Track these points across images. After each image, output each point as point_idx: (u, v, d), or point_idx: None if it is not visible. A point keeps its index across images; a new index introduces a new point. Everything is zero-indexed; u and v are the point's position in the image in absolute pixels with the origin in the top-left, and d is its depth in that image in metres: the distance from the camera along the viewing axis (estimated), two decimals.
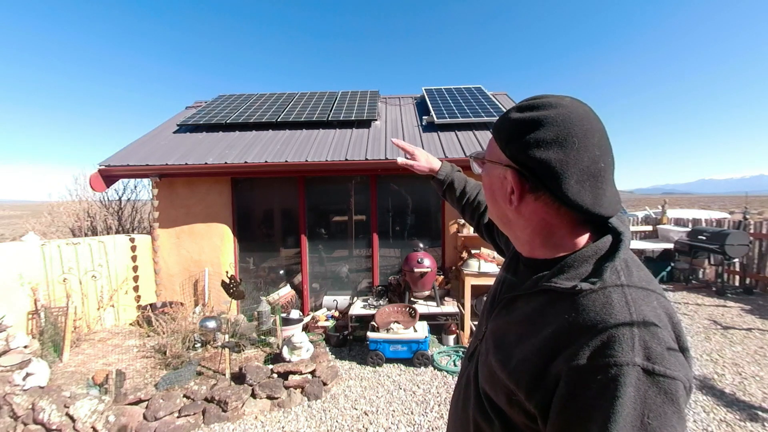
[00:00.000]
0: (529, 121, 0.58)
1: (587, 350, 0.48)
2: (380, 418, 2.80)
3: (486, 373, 0.64)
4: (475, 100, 6.14)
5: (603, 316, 0.50)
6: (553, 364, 0.50)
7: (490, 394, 0.62)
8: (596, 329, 0.49)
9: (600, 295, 0.52)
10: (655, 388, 0.45)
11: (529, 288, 0.61)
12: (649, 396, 0.45)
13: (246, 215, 5.18)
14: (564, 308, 0.54)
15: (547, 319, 0.55)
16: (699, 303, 5.49)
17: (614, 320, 0.49)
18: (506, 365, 0.58)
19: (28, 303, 3.87)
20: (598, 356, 0.47)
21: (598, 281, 0.53)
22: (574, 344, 0.49)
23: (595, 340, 0.48)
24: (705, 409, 2.81)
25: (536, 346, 0.54)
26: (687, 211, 11.22)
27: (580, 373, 0.47)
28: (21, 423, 2.51)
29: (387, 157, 4.58)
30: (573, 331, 0.51)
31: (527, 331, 0.58)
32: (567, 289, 0.54)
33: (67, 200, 8.11)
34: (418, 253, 4.36)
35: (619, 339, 0.47)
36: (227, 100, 6.80)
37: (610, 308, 0.50)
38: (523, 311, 0.61)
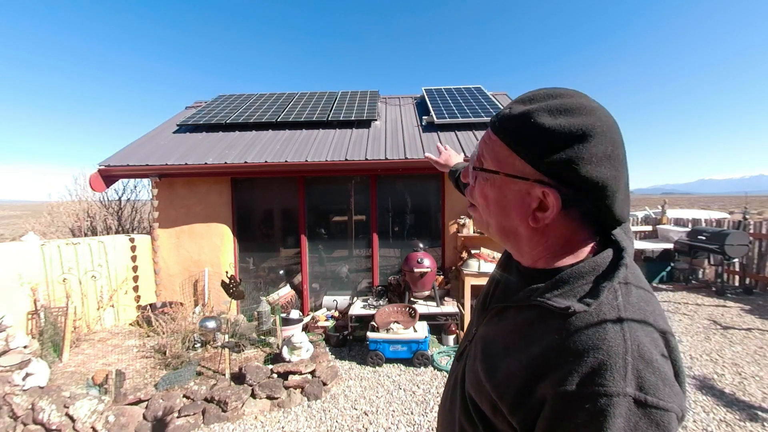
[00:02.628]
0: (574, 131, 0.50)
1: (576, 376, 0.45)
2: (380, 418, 2.80)
3: (472, 378, 0.61)
4: (474, 100, 6.14)
5: (595, 341, 0.46)
6: (540, 385, 0.47)
7: (475, 399, 0.60)
8: (587, 354, 0.45)
9: (594, 317, 0.49)
10: (647, 420, 0.42)
11: (521, 300, 0.57)
12: (640, 428, 0.42)
13: (246, 215, 5.18)
14: (555, 326, 0.50)
15: (536, 335, 0.52)
16: (699, 303, 5.49)
17: (606, 346, 0.45)
18: (492, 376, 0.55)
19: (27, 303, 3.86)
20: (588, 384, 0.44)
21: (593, 303, 0.49)
22: (562, 368, 0.46)
23: (584, 365, 0.45)
24: (705, 409, 2.81)
25: (523, 362, 0.51)
26: (687, 211, 11.23)
27: (567, 400, 0.44)
28: (21, 423, 2.51)
29: (387, 157, 4.58)
30: (562, 353, 0.47)
31: (515, 344, 0.55)
32: (560, 309, 0.50)
33: (66, 200, 8.11)
34: (418, 253, 4.36)
35: (611, 367, 0.44)
36: (227, 100, 6.80)
37: (603, 333, 0.47)
38: (513, 321, 0.58)
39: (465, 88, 6.95)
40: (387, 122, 5.87)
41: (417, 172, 4.90)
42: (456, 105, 5.97)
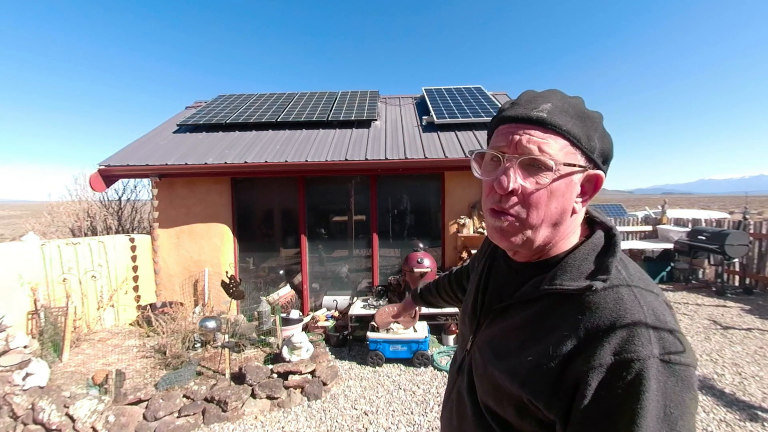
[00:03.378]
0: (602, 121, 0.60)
1: (607, 348, 0.47)
2: (380, 418, 2.80)
3: (487, 386, 0.61)
4: (475, 100, 6.14)
5: (619, 313, 0.49)
6: (571, 368, 0.49)
7: (494, 408, 0.59)
8: (614, 327, 0.48)
9: (611, 292, 0.52)
10: (674, 378, 0.46)
11: (528, 294, 0.59)
12: (669, 386, 0.45)
13: (246, 215, 5.18)
14: (573, 309, 0.53)
15: (553, 322, 0.54)
16: (699, 303, 5.49)
17: (630, 316, 0.49)
18: (515, 376, 0.55)
19: (27, 303, 3.86)
20: (621, 353, 0.47)
21: (608, 278, 0.53)
22: (592, 343, 0.49)
23: (614, 337, 0.48)
24: (705, 409, 2.81)
25: (547, 351, 0.52)
26: (687, 211, 11.23)
27: (603, 373, 0.47)
28: (21, 423, 2.51)
29: (387, 157, 4.58)
30: (590, 331, 0.50)
31: (531, 338, 0.56)
32: (578, 290, 0.53)
33: (66, 200, 8.10)
34: (418, 253, 4.36)
35: (638, 334, 0.47)
36: (227, 100, 6.80)
37: (623, 304, 0.50)
38: (521, 317, 0.59)
39: (465, 88, 6.94)
40: (387, 122, 5.87)
41: (417, 172, 4.90)
42: (456, 105, 5.97)
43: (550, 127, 0.55)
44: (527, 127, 0.56)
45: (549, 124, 0.55)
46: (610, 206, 15.10)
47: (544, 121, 0.55)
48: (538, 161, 0.55)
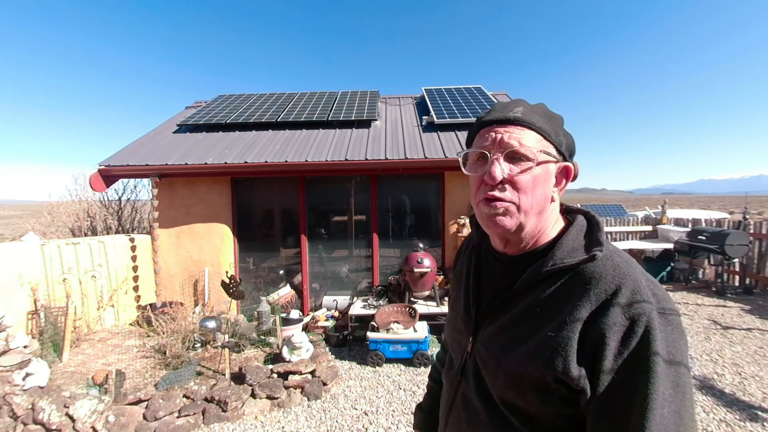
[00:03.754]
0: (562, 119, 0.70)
1: (618, 309, 0.55)
2: (380, 418, 2.80)
3: (505, 379, 0.62)
4: (475, 100, 6.14)
5: (620, 277, 0.57)
6: (590, 331, 0.55)
7: (514, 401, 0.62)
8: (619, 290, 0.56)
9: (607, 261, 0.60)
10: (670, 327, 0.54)
11: (531, 279, 0.63)
12: (668, 334, 0.53)
13: (246, 215, 5.18)
14: (578, 282, 0.59)
15: (562, 298, 0.60)
16: (699, 303, 5.49)
17: (628, 277, 0.57)
18: (539, 355, 0.58)
19: (27, 303, 3.86)
20: (629, 311, 0.54)
21: (602, 249, 0.61)
22: (604, 307, 0.55)
23: (621, 298, 0.55)
24: (705, 409, 2.81)
25: (564, 323, 0.57)
26: (687, 211, 11.23)
27: (619, 329, 0.54)
28: (21, 423, 2.51)
29: (387, 157, 4.58)
30: (600, 296, 0.57)
31: (543, 318, 0.60)
32: (581, 261, 0.60)
33: (66, 200, 8.10)
34: (418, 253, 4.36)
35: (638, 291, 0.56)
36: (227, 100, 6.80)
37: (620, 270, 0.58)
38: (527, 304, 0.63)
39: (465, 88, 6.95)
40: (387, 122, 5.87)
41: (417, 172, 4.91)
42: (456, 105, 5.97)
43: (525, 124, 0.64)
44: (506, 126, 0.65)
45: (524, 122, 0.64)
46: (610, 206, 15.08)
47: (520, 120, 0.64)
48: (520, 153, 0.63)
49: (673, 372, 0.52)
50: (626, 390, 0.52)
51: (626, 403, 0.52)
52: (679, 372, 0.52)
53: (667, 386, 0.51)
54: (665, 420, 0.49)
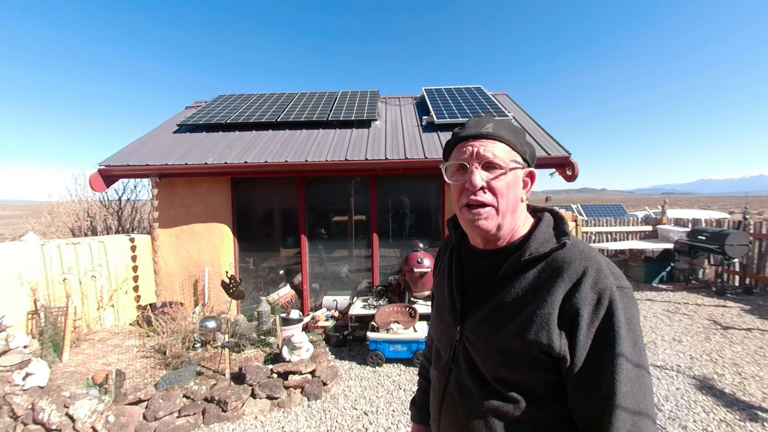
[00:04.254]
0: (524, 132, 0.82)
1: (587, 286, 0.67)
2: (380, 418, 2.80)
3: (496, 358, 0.72)
4: (475, 101, 6.14)
5: (584, 260, 0.70)
6: (566, 306, 0.67)
7: (505, 375, 0.72)
8: (587, 271, 0.68)
9: (574, 248, 0.72)
10: (627, 298, 0.67)
11: (512, 269, 0.74)
12: (626, 304, 0.66)
13: (246, 215, 5.18)
14: (552, 267, 0.71)
15: (540, 282, 0.71)
16: (699, 303, 5.49)
17: (593, 260, 0.70)
18: (526, 331, 0.69)
19: (27, 303, 3.86)
20: (597, 286, 0.67)
21: (569, 238, 0.74)
22: (576, 286, 0.68)
23: (589, 278, 0.67)
24: (705, 409, 2.81)
25: (544, 302, 0.69)
26: (687, 211, 11.22)
27: (590, 303, 0.66)
28: (21, 423, 2.51)
29: (387, 157, 4.58)
30: (571, 276, 0.69)
31: (525, 301, 0.71)
32: (553, 249, 0.72)
33: (66, 200, 8.10)
34: (418, 253, 4.36)
35: (602, 272, 0.68)
36: (227, 100, 6.80)
37: (584, 254, 0.71)
38: (509, 291, 0.74)
39: (465, 88, 6.94)
40: (387, 122, 5.87)
41: (417, 172, 4.90)
42: (456, 105, 5.97)
43: (496, 138, 0.76)
44: (480, 140, 0.76)
45: (495, 136, 0.76)
46: (610, 206, 15.07)
47: (492, 134, 0.76)
48: (494, 162, 0.74)
49: (632, 335, 0.65)
50: (599, 352, 0.65)
51: (600, 362, 0.64)
52: (637, 334, 0.66)
53: (629, 346, 0.64)
54: (630, 374, 0.63)
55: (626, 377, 0.62)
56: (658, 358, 3.72)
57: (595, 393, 0.64)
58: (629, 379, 0.62)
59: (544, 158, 4.48)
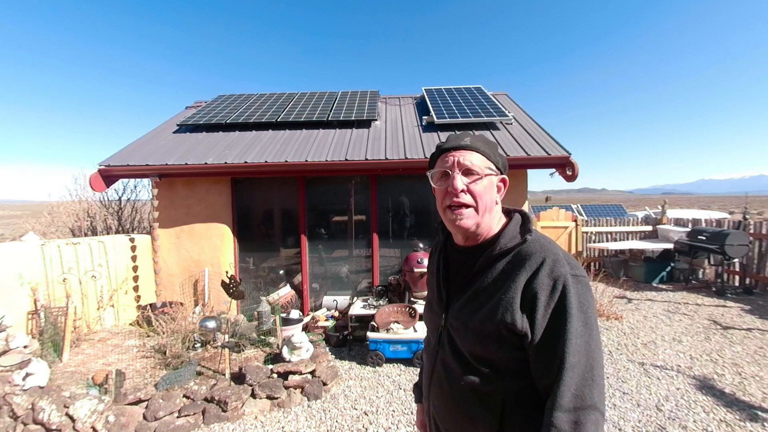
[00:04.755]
0: (497, 145, 0.95)
1: (545, 273, 0.78)
2: (380, 418, 2.80)
3: (473, 337, 0.84)
4: (475, 100, 6.14)
5: (544, 252, 0.81)
6: (526, 292, 0.79)
7: (480, 353, 0.84)
8: (545, 261, 0.79)
9: (535, 242, 0.84)
10: (580, 285, 0.78)
11: (486, 262, 0.87)
12: (579, 289, 0.77)
13: (246, 215, 5.18)
14: (516, 259, 0.83)
15: (506, 273, 0.83)
16: (699, 303, 5.49)
17: (550, 252, 0.81)
18: (495, 313, 0.80)
19: (27, 303, 3.87)
20: (552, 275, 0.78)
21: (532, 234, 0.85)
22: (535, 274, 0.79)
23: (546, 266, 0.79)
24: (705, 409, 2.81)
25: (509, 289, 0.80)
26: (687, 211, 11.22)
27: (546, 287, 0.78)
28: (21, 423, 2.51)
29: (387, 157, 4.58)
30: (532, 266, 0.80)
31: (496, 288, 0.83)
32: (517, 244, 0.84)
33: (67, 200, 8.10)
34: (418, 253, 4.36)
35: (558, 262, 0.79)
36: (227, 100, 6.80)
37: (544, 247, 0.83)
38: (483, 280, 0.86)
39: (465, 88, 6.94)
40: (387, 122, 5.87)
41: (417, 172, 4.90)
42: (456, 105, 5.97)
43: (473, 149, 0.89)
44: (460, 150, 0.89)
45: (472, 147, 0.89)
46: (610, 206, 15.06)
47: (469, 146, 0.89)
48: (472, 169, 0.87)
49: (582, 315, 0.76)
50: (554, 328, 0.76)
51: (554, 337, 0.75)
52: (588, 315, 0.76)
53: (579, 324, 0.75)
54: (578, 347, 0.74)
55: (575, 350, 0.73)
56: (658, 358, 3.72)
57: (551, 363, 0.75)
58: (578, 351, 0.73)
59: (544, 158, 4.48)
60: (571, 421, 0.71)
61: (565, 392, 0.72)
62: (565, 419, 0.72)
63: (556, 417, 0.72)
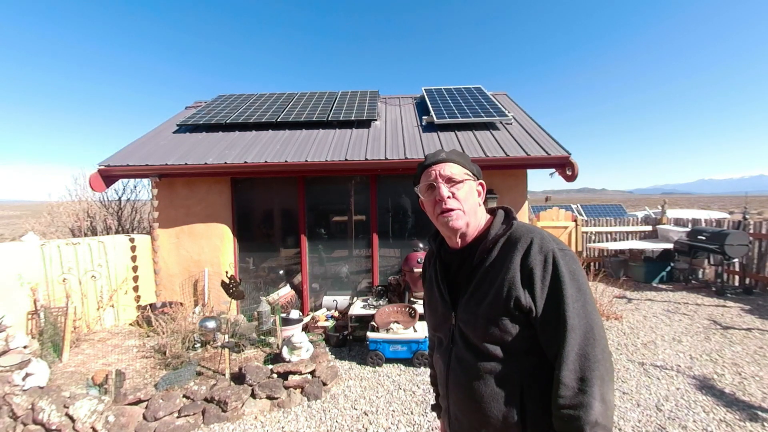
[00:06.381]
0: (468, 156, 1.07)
1: (535, 250, 0.87)
2: (380, 418, 2.79)
3: (483, 323, 0.90)
4: (474, 101, 6.14)
5: (530, 233, 0.91)
6: (522, 269, 0.87)
7: (493, 337, 0.89)
8: (533, 241, 0.89)
9: (522, 227, 0.94)
10: (567, 257, 0.87)
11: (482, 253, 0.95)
12: (567, 260, 0.86)
13: (246, 215, 5.18)
14: (508, 245, 0.92)
15: (501, 257, 0.91)
16: (699, 303, 5.49)
17: (536, 233, 0.91)
18: (500, 294, 0.87)
19: (27, 303, 3.87)
20: (542, 250, 0.87)
21: (517, 221, 0.97)
22: (527, 252, 0.88)
23: (535, 245, 0.88)
24: (705, 409, 2.81)
25: (508, 270, 0.88)
26: (687, 211, 11.22)
27: (539, 262, 0.86)
28: (20, 423, 2.51)
29: (387, 157, 4.58)
30: (523, 245, 0.89)
31: (495, 274, 0.90)
32: (504, 231, 0.94)
33: (66, 200, 8.10)
34: (418, 253, 4.36)
35: (545, 239, 0.89)
36: (227, 100, 6.80)
37: (529, 229, 0.93)
38: (482, 271, 0.93)
39: (465, 88, 6.95)
40: (387, 122, 5.87)
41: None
42: (456, 105, 5.97)
43: (450, 161, 1.01)
44: (440, 164, 1.00)
45: (449, 159, 1.01)
46: (610, 206, 15.06)
47: (447, 159, 1.01)
48: (453, 178, 0.98)
49: (575, 282, 0.84)
50: (552, 298, 0.84)
51: (554, 305, 0.83)
52: (579, 282, 0.85)
53: (573, 290, 0.83)
54: (576, 310, 0.82)
55: (574, 313, 0.81)
56: (658, 358, 3.72)
57: (555, 330, 0.82)
58: (577, 314, 0.81)
59: (544, 158, 4.48)
60: (578, 378, 0.78)
61: (569, 352, 0.79)
62: (572, 377, 0.78)
63: (563, 375, 0.79)
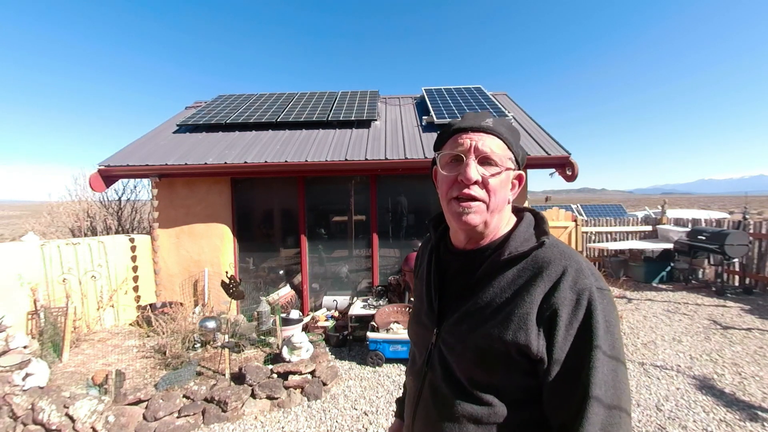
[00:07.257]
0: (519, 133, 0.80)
1: (566, 286, 0.65)
2: (380, 418, 2.79)
3: (471, 357, 0.70)
4: (474, 101, 6.14)
5: (565, 260, 0.68)
6: (545, 306, 0.65)
7: (480, 378, 0.70)
8: (566, 271, 0.66)
9: (554, 248, 0.70)
10: (605, 299, 0.65)
11: (492, 267, 0.72)
12: (604, 304, 0.64)
13: (246, 215, 5.18)
14: (531, 266, 0.69)
15: (519, 280, 0.69)
16: (699, 303, 5.49)
17: (573, 261, 0.68)
18: (506, 328, 0.66)
19: (27, 303, 3.86)
20: (576, 286, 0.65)
21: (549, 237, 0.72)
22: (555, 286, 0.65)
23: (568, 278, 0.66)
24: (705, 409, 2.81)
25: (525, 301, 0.66)
26: (687, 211, 11.22)
27: (569, 303, 0.64)
28: (20, 423, 2.51)
29: (387, 157, 4.58)
30: (551, 277, 0.66)
31: (506, 299, 0.69)
32: (532, 249, 0.70)
33: (66, 200, 8.10)
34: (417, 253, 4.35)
35: (582, 273, 0.66)
36: (227, 101, 6.80)
37: (565, 254, 0.69)
38: (490, 289, 0.71)
39: (465, 88, 6.95)
40: (387, 122, 5.87)
41: (417, 172, 4.90)
42: (456, 105, 5.97)
43: (495, 133, 0.73)
44: (479, 133, 0.73)
45: (494, 131, 0.73)
46: (610, 206, 15.07)
47: (491, 129, 0.73)
48: (491, 159, 0.72)
49: (610, 338, 0.63)
50: (576, 353, 0.63)
51: (577, 363, 0.63)
52: (615, 338, 0.64)
53: (607, 348, 0.62)
54: (605, 377, 0.61)
55: (602, 380, 0.61)
56: (658, 358, 3.72)
57: (571, 395, 0.62)
58: (605, 382, 0.61)
59: (544, 158, 4.48)
60: None
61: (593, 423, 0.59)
62: None
63: None
